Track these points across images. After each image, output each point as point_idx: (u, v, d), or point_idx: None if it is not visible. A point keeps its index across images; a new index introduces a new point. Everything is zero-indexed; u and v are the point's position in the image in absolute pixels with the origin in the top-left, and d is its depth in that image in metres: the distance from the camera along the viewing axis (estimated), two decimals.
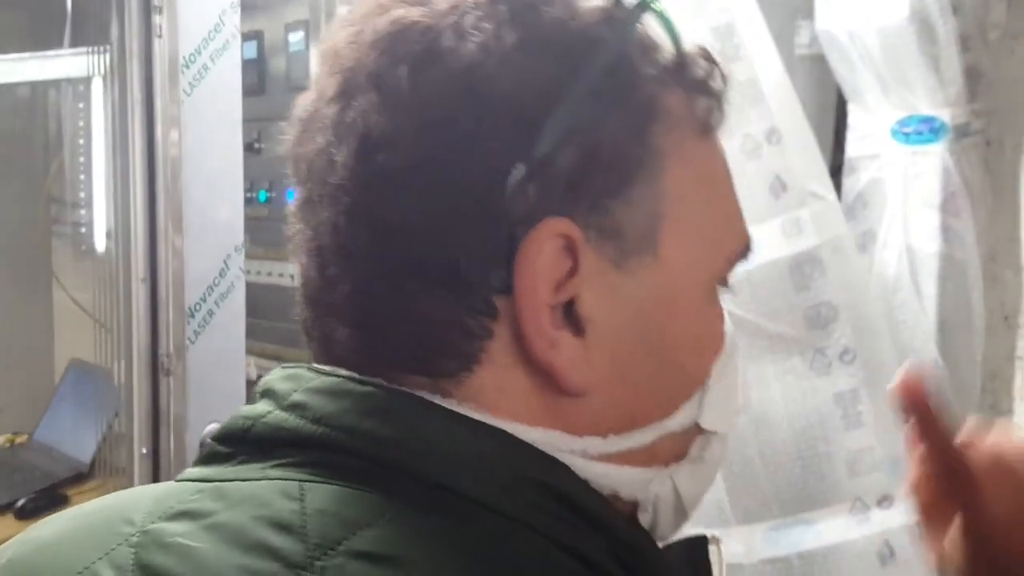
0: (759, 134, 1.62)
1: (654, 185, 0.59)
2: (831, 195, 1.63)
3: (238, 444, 0.58)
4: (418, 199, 0.56)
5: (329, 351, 0.61)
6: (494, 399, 0.58)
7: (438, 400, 0.57)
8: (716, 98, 0.63)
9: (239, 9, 1.67)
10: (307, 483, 0.54)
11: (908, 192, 1.66)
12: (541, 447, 0.57)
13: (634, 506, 0.63)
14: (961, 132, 1.64)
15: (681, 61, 0.62)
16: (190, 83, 2.04)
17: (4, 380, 3.11)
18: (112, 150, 2.39)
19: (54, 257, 3.33)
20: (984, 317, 1.65)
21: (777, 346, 1.60)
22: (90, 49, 2.63)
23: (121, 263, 2.35)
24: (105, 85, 2.51)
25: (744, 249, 0.66)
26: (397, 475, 0.54)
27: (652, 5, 0.60)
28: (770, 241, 1.60)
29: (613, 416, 0.60)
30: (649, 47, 0.60)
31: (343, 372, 0.59)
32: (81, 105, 3.18)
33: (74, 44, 3.15)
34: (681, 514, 0.65)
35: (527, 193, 0.56)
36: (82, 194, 3.16)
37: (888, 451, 1.58)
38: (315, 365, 0.61)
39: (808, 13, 1.86)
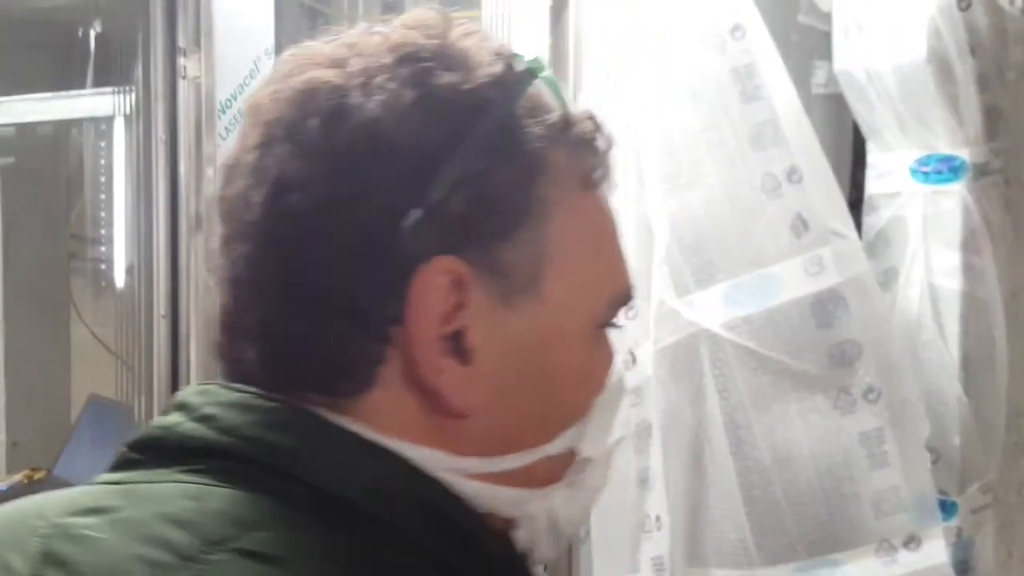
0: (780, 173, 1.63)
1: (539, 231, 0.67)
2: (852, 233, 1.64)
3: (150, 452, 0.65)
4: (323, 237, 0.63)
5: (238, 371, 0.67)
6: (386, 419, 0.65)
7: (334, 418, 0.64)
8: (600, 157, 0.71)
9: (273, 55, 1.70)
10: (208, 486, 0.60)
11: (929, 230, 1.66)
12: (424, 464, 0.64)
13: (509, 524, 0.70)
14: (980, 171, 1.65)
15: (567, 122, 0.69)
16: (226, 127, 2.08)
17: (23, 416, 3.13)
18: (136, 188, 2.42)
19: (74, 293, 3.35)
20: (1008, 354, 1.65)
21: (801, 384, 1.60)
22: (114, 89, 2.68)
23: (143, 299, 2.37)
24: (128, 125, 2.54)
25: (625, 295, 0.73)
26: (293, 484, 0.60)
27: (539, 73, 0.68)
28: (792, 279, 1.61)
29: (493, 439, 0.67)
30: (538, 108, 0.68)
31: (251, 389, 0.65)
32: (103, 144, 3.22)
33: (97, 84, 3.20)
34: (559, 536, 0.72)
35: (420, 234, 0.63)
36: (103, 231, 3.19)
37: (915, 491, 1.58)
38: (226, 382, 0.67)
39: (824, 54, 1.87)
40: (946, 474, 1.64)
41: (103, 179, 3.23)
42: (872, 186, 1.79)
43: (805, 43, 1.94)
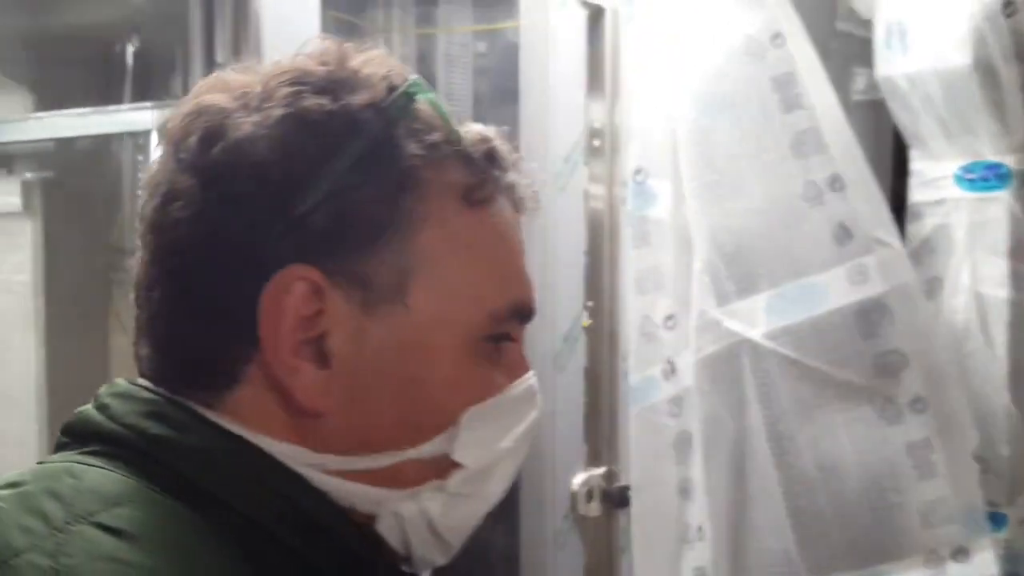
0: (821, 182, 1.61)
1: (405, 244, 0.70)
2: (897, 242, 1.62)
3: (71, 435, 0.72)
4: (196, 244, 0.69)
5: (141, 367, 0.74)
6: (249, 414, 0.70)
7: (204, 411, 0.69)
8: (485, 174, 0.73)
9: None
10: (90, 466, 0.67)
11: (975, 238, 1.64)
12: (283, 459, 0.68)
13: (370, 520, 0.72)
14: None
15: (449, 142, 0.72)
16: None
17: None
18: None
19: (114, 304, 3.38)
20: None
21: (845, 395, 1.58)
22: (153, 104, 2.70)
23: None
24: None
25: (514, 309, 0.74)
26: (162, 468, 0.66)
27: (416, 96, 0.71)
28: (836, 289, 1.60)
29: (350, 438, 0.70)
30: (420, 129, 0.71)
31: (143, 383, 0.72)
32: (141, 158, 3.25)
33: (135, 99, 3.23)
34: (442, 543, 0.74)
35: (281, 244, 0.67)
36: None
37: (963, 502, 1.56)
38: (133, 378, 0.74)
39: (864, 60, 1.86)
40: (995, 485, 1.62)
41: (140, 192, 3.26)
42: (916, 194, 1.77)
43: (844, 50, 1.93)
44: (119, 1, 3.68)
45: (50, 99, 4.09)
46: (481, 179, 0.74)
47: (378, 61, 0.74)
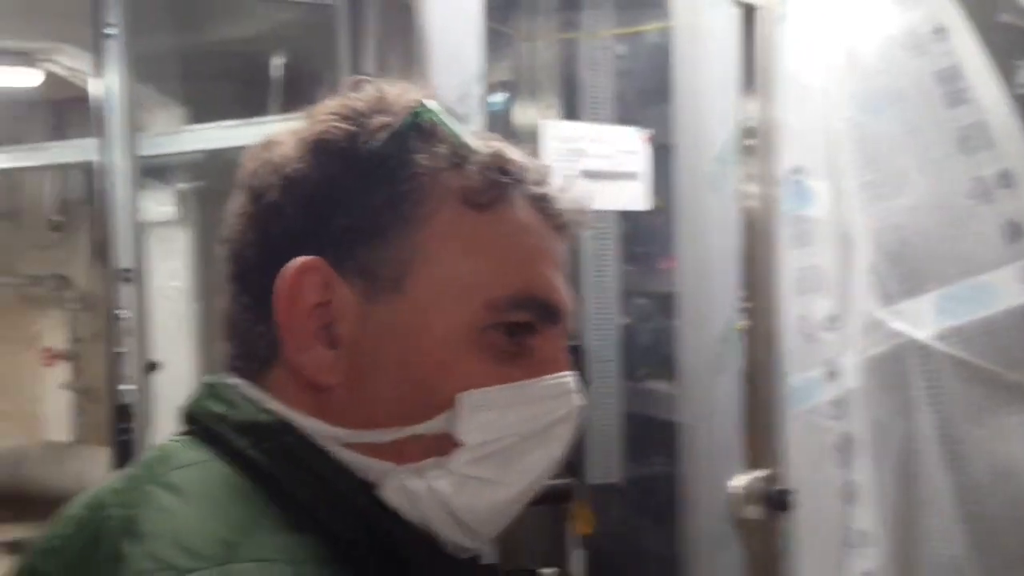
0: (990, 178, 1.58)
1: (406, 241, 0.78)
2: None
3: (181, 420, 0.84)
4: (247, 249, 0.81)
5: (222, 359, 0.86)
6: (282, 391, 0.80)
7: (250, 390, 0.80)
8: (488, 181, 0.80)
9: (484, 80, 1.74)
10: (175, 442, 0.81)
11: None
12: (309, 432, 0.78)
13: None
14: None
15: (456, 154, 0.80)
16: None
17: None
18: None
19: None
20: None
21: (1018, 397, 1.54)
22: (300, 115, 2.76)
23: None
24: None
25: (521, 301, 0.80)
26: (219, 439, 0.78)
27: (421, 118, 0.80)
28: (1006, 288, 1.56)
29: (356, 413, 0.78)
30: (427, 143, 0.80)
31: (218, 372, 0.84)
32: None
33: (282, 111, 3.32)
34: (464, 527, 0.79)
35: (307, 245, 0.78)
36: None
37: None
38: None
39: None
40: None
41: None
42: None
43: (1006, 43, 1.87)
44: (267, 17, 3.80)
45: (202, 113, 4.26)
46: (484, 185, 0.80)
47: (411, 93, 0.83)
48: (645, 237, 2.55)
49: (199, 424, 0.81)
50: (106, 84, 2.39)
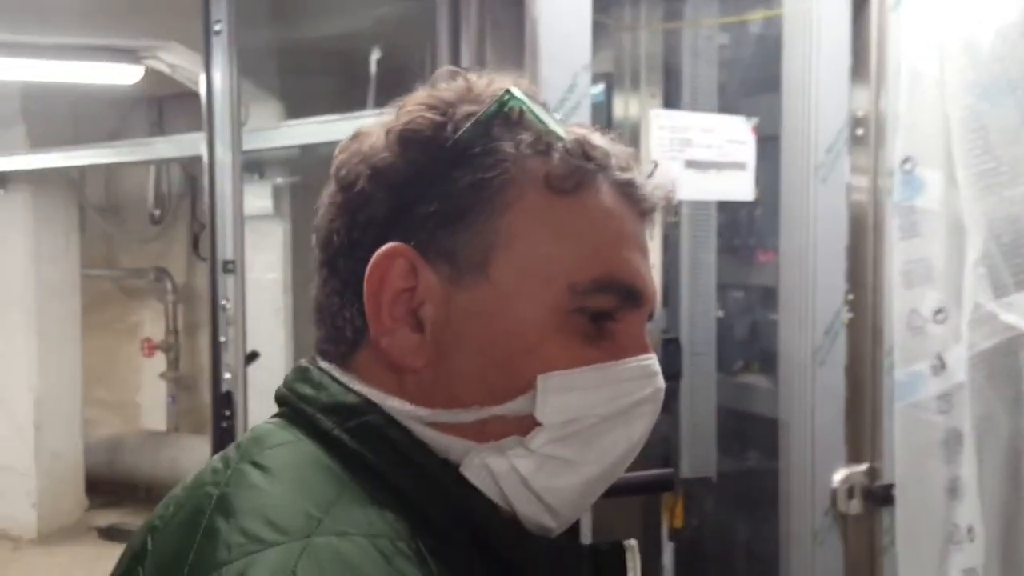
0: None
1: (489, 225, 0.80)
2: None
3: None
4: (335, 236, 0.84)
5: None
6: (368, 373, 0.83)
7: (338, 372, 0.84)
8: (572, 167, 0.82)
9: (590, 71, 1.76)
10: (268, 424, 0.84)
11: None
12: (393, 412, 0.81)
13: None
14: None
15: (540, 141, 0.82)
16: None
17: None
18: None
19: None
20: None
21: None
22: (390, 109, 2.78)
23: None
24: None
25: (604, 285, 0.81)
26: (307, 418, 0.81)
27: (505, 106, 0.82)
28: None
29: (440, 394, 0.81)
30: (512, 131, 0.82)
31: (309, 356, 0.88)
32: None
33: (378, 105, 3.36)
34: (544, 505, 0.81)
35: (394, 230, 0.81)
36: None
37: None
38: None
39: None
40: None
41: None
42: None
43: None
44: (363, 12, 3.85)
45: (299, 108, 4.33)
46: (568, 171, 0.82)
47: (498, 82, 0.85)
48: (742, 229, 2.53)
49: (290, 406, 0.84)
50: (213, 80, 2.45)
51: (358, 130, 0.87)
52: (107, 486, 6.06)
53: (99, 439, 6.12)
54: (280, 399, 0.86)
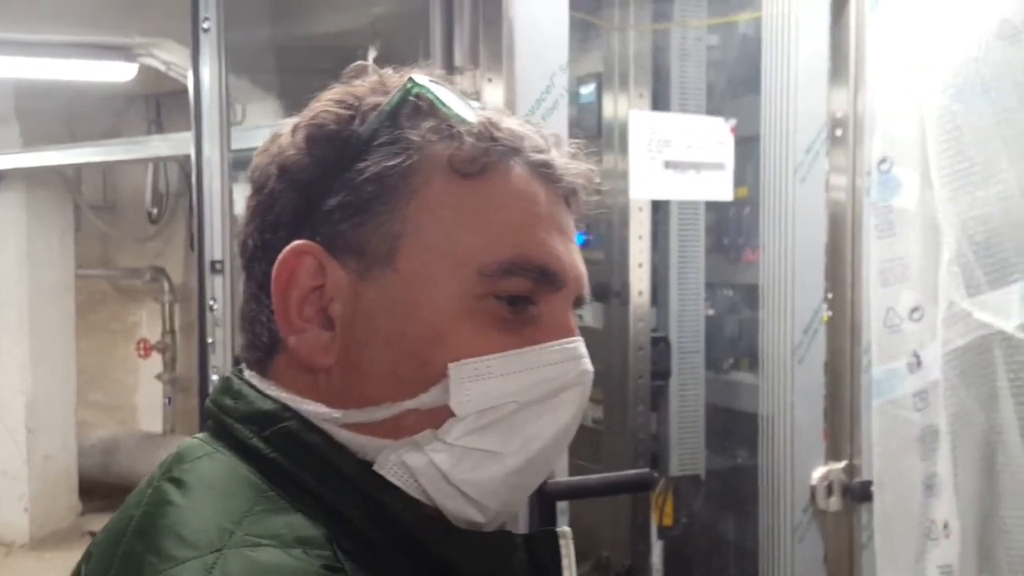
0: None
1: (395, 215, 0.79)
2: None
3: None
4: (250, 238, 0.83)
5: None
6: (285, 378, 0.82)
7: (257, 380, 0.83)
8: (477, 149, 0.80)
9: (567, 71, 1.77)
10: (194, 437, 0.84)
11: None
12: (306, 414, 0.79)
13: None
14: None
15: (445, 125, 0.81)
16: None
17: None
18: None
19: None
20: None
21: None
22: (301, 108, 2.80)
23: None
24: None
25: (515, 267, 0.79)
26: (227, 429, 0.81)
27: (410, 95, 0.81)
28: None
29: (352, 392, 0.79)
30: (421, 116, 0.81)
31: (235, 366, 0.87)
32: None
33: None
34: (469, 499, 0.78)
35: (303, 229, 0.80)
36: None
37: None
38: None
39: None
40: None
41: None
42: None
43: None
44: (360, 10, 3.87)
45: (297, 105, 4.32)
46: (473, 154, 0.80)
47: (407, 76, 0.83)
48: (731, 229, 2.55)
49: (214, 418, 0.83)
50: (201, 78, 2.46)
51: (273, 133, 0.86)
52: (102, 489, 5.98)
53: (94, 441, 6.05)
54: (206, 412, 0.85)
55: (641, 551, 2.53)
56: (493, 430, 0.79)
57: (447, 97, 0.82)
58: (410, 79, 0.82)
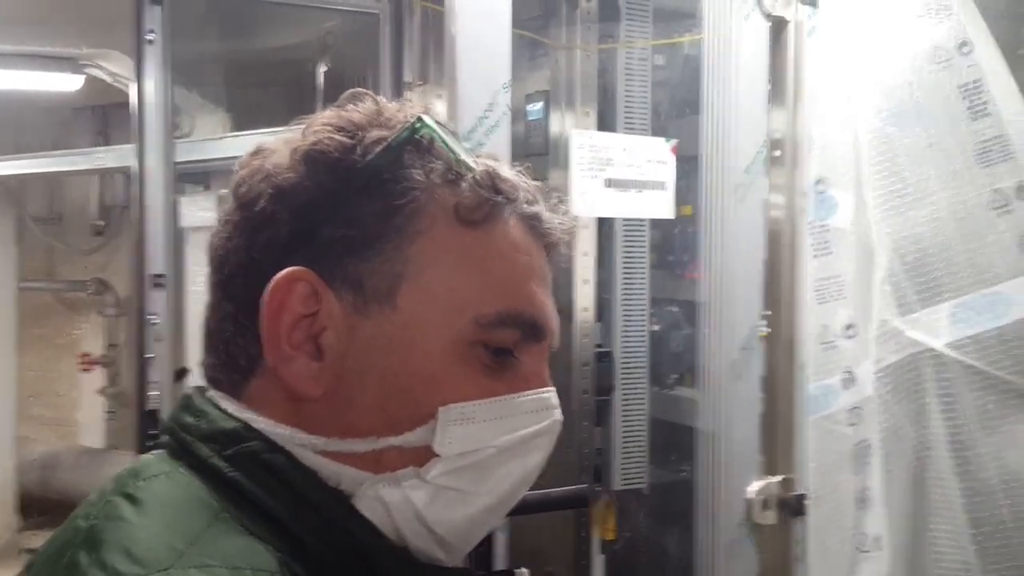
0: (1008, 190, 1.61)
1: (398, 254, 0.79)
2: None
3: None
4: (231, 257, 0.81)
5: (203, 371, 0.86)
6: (260, 401, 0.80)
7: (224, 401, 0.81)
8: (482, 198, 0.81)
9: (510, 89, 1.78)
10: (157, 454, 0.81)
11: None
12: (280, 440, 0.78)
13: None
14: None
15: (450, 170, 0.81)
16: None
17: None
18: None
19: None
20: None
21: None
22: (295, 127, 2.80)
23: None
24: None
25: (508, 320, 0.81)
26: (187, 447, 0.79)
27: (416, 133, 0.81)
28: (1020, 298, 1.58)
29: (337, 422, 0.79)
30: (422, 158, 0.81)
31: (197, 384, 0.85)
32: None
33: None
34: (437, 537, 0.80)
35: (295, 256, 0.78)
36: None
37: None
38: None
39: None
40: None
41: None
42: None
43: None
44: (311, 25, 3.87)
45: (247, 119, 4.33)
46: (477, 202, 0.81)
47: (408, 109, 0.84)
48: (676, 246, 2.59)
49: (173, 436, 0.81)
50: (144, 90, 2.44)
51: (259, 146, 0.85)
52: (41, 505, 5.85)
53: (34, 457, 5.93)
54: (164, 429, 0.84)
55: (584, 566, 2.54)
56: (468, 472, 0.80)
57: (451, 140, 0.83)
58: (418, 118, 0.82)
